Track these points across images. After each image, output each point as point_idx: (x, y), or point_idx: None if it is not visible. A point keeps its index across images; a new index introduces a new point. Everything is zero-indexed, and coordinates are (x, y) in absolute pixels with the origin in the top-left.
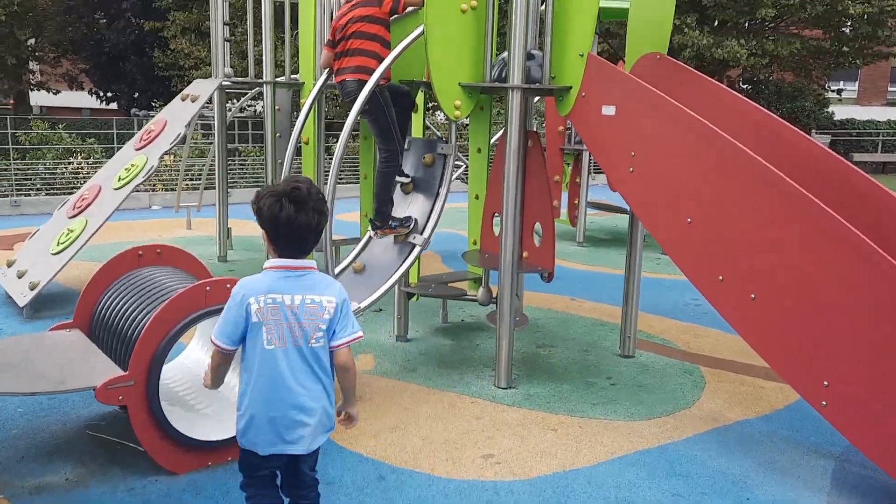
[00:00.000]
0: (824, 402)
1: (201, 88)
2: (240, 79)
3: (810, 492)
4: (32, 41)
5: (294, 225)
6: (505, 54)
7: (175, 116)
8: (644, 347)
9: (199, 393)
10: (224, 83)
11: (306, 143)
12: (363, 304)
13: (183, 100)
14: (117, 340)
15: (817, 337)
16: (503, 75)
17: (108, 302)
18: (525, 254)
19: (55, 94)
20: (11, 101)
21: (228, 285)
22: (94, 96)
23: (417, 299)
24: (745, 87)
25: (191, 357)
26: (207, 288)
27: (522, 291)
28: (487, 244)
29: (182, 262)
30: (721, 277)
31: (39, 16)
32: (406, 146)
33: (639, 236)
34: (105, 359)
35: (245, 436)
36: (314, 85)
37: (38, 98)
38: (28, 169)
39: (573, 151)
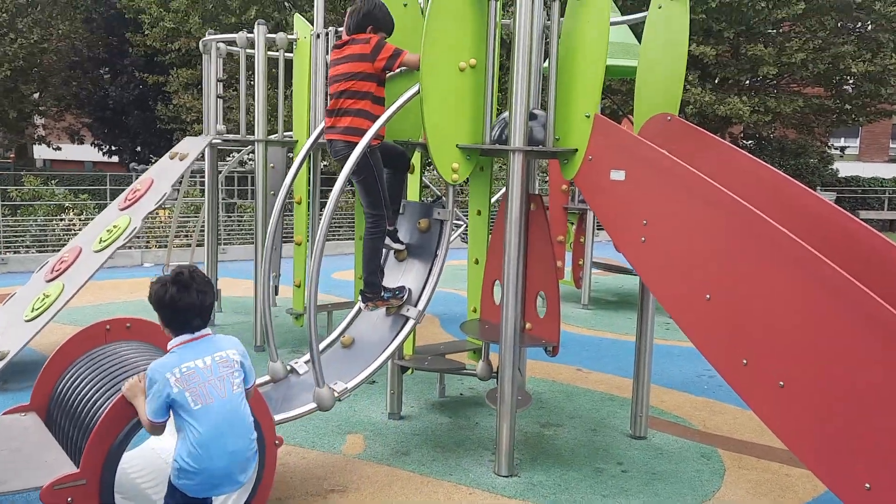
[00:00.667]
0: None
1: (191, 146)
2: (231, 136)
3: None
4: (36, 95)
5: (179, 305)
6: (506, 114)
7: (162, 175)
8: (657, 426)
9: (162, 485)
10: (215, 141)
11: (298, 203)
12: (350, 385)
13: (171, 158)
14: (75, 428)
15: (857, 429)
16: (504, 136)
17: (69, 383)
18: (528, 325)
19: (56, 149)
20: (12, 155)
21: None
22: (97, 149)
23: (412, 372)
24: (747, 143)
25: (156, 443)
26: None
27: (525, 366)
28: (488, 313)
29: (155, 337)
30: (745, 361)
31: (44, 71)
32: (401, 209)
33: (650, 302)
34: (58, 451)
35: (196, 487)
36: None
37: (41, 151)
38: (18, 225)
39: (577, 210)
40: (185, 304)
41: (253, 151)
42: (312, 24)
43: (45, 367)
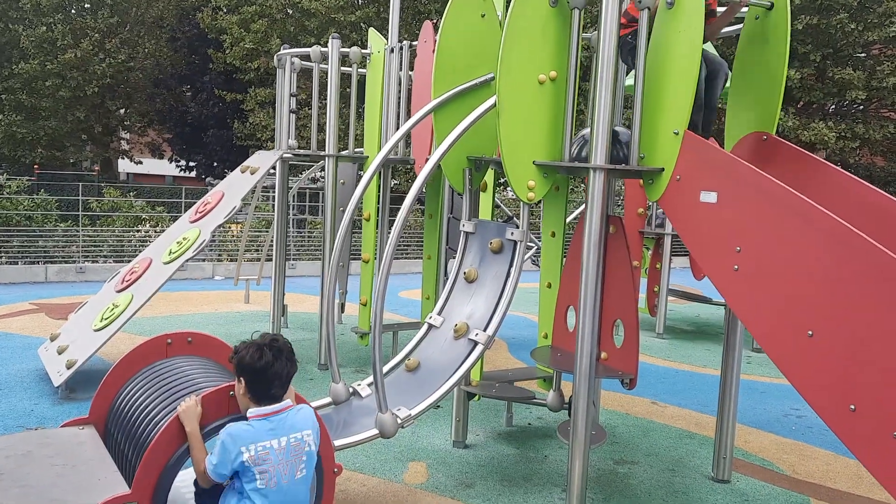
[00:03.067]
0: None
1: (262, 160)
2: (302, 151)
3: None
4: (122, 111)
5: (269, 373)
6: (584, 132)
7: (233, 189)
8: (741, 469)
9: None
10: (286, 155)
11: (367, 220)
12: (414, 412)
13: (242, 172)
14: (130, 445)
15: None
16: (582, 154)
17: (127, 397)
18: (604, 355)
19: (138, 163)
20: (97, 168)
21: None
22: (175, 164)
23: (479, 399)
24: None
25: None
26: (231, 393)
27: (599, 398)
28: (560, 340)
29: (216, 352)
30: (853, 407)
31: (130, 88)
32: (471, 229)
33: (738, 335)
34: (112, 469)
35: None
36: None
37: (124, 165)
38: (97, 236)
39: (654, 235)
40: (273, 372)
41: (324, 168)
42: (387, 39)
43: (105, 380)
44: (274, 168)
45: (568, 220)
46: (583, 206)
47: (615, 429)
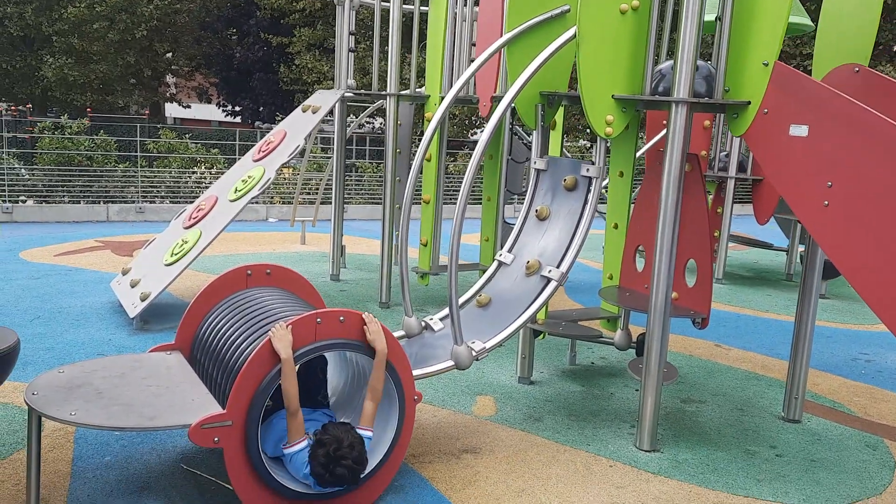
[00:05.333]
0: None
1: (323, 99)
2: (363, 90)
3: None
4: (170, 55)
5: (337, 476)
6: (663, 64)
7: (295, 128)
8: (811, 410)
9: None
10: (347, 94)
11: (429, 160)
12: (488, 345)
13: (304, 111)
14: (218, 369)
15: None
16: (660, 89)
17: (212, 325)
18: (675, 295)
19: (186, 108)
20: (146, 112)
21: (342, 318)
22: (221, 109)
23: (544, 337)
24: None
25: None
26: (318, 320)
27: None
28: (628, 280)
29: (293, 285)
30: None
31: (177, 31)
32: (543, 166)
33: (815, 279)
34: (203, 390)
35: None
36: (440, 98)
37: (171, 109)
38: (154, 177)
39: (716, 179)
40: (339, 479)
41: (372, 115)
42: None
43: (189, 309)
44: (330, 113)
45: (638, 154)
46: (649, 144)
47: (680, 369)
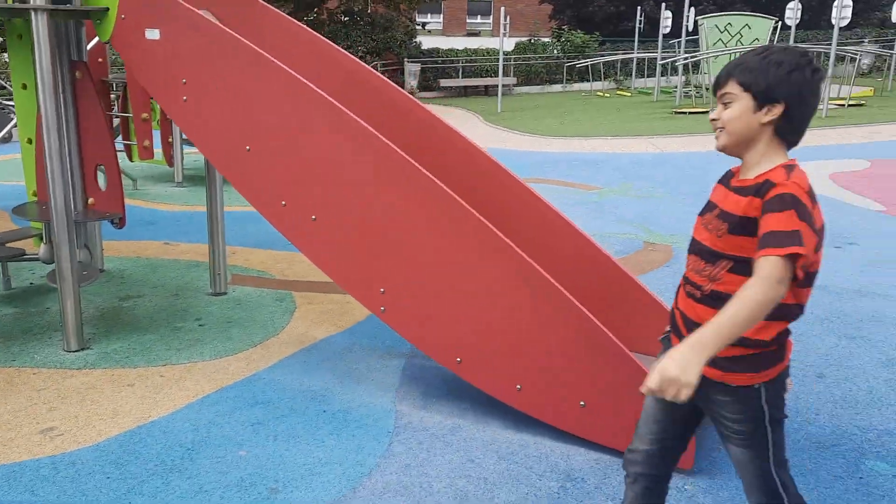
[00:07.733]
0: (383, 308)
1: None
2: None
3: (382, 391)
4: None
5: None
6: None
7: None
8: (239, 282)
9: None
10: None
11: None
12: None
13: None
14: None
15: (374, 252)
16: None
17: None
18: (91, 200)
19: None
20: None
21: None
22: None
23: None
24: (344, 19)
25: None
26: None
27: (99, 243)
28: (45, 194)
29: None
30: (284, 203)
31: None
32: None
33: (216, 174)
34: None
35: None
36: None
37: None
38: None
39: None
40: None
41: None
42: None
43: None
44: None
45: None
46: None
47: (124, 271)
